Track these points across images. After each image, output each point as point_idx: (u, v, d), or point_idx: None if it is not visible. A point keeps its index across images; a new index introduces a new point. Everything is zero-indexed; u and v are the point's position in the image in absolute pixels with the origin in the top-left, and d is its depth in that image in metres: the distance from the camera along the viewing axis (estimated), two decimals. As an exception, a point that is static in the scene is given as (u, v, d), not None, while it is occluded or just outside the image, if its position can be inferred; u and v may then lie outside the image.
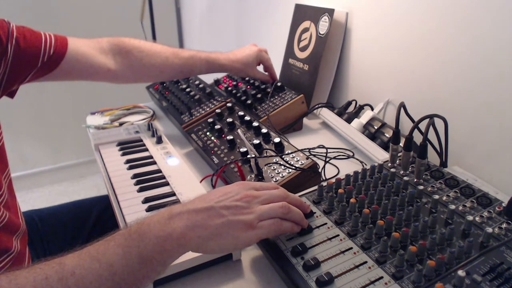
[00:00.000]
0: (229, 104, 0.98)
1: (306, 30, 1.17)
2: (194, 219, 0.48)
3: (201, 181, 0.79)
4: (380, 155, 0.84)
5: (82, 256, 0.45)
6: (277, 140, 0.78)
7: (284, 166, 0.72)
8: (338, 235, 0.55)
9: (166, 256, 0.47)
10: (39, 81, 0.82)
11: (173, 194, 0.74)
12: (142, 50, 0.93)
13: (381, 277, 0.48)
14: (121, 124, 1.11)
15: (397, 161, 0.70)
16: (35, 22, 2.15)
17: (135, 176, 0.80)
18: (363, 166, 0.87)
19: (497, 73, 0.72)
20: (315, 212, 0.60)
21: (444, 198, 0.60)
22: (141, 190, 0.75)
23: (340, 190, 0.62)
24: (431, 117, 0.63)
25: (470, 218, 0.53)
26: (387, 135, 0.89)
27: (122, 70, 0.92)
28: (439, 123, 0.66)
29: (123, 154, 0.90)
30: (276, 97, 1.05)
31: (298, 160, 0.73)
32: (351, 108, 1.06)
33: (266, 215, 0.51)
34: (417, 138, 0.66)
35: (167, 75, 0.98)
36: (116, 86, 0.99)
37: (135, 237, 0.46)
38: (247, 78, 1.19)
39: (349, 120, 0.99)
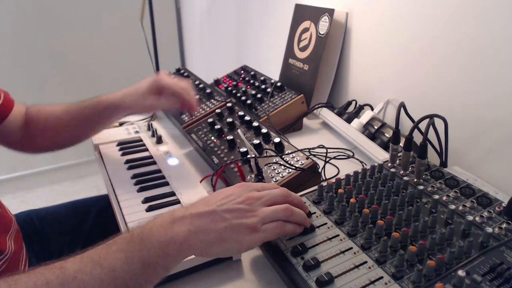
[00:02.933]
0: (229, 104, 0.98)
1: (306, 30, 1.17)
2: (197, 223, 0.48)
3: (201, 181, 0.79)
4: (380, 155, 0.84)
5: (83, 260, 0.44)
6: (277, 140, 0.78)
7: (284, 166, 0.72)
8: (338, 235, 0.55)
9: (169, 261, 0.47)
10: None
11: (173, 194, 0.74)
12: (41, 114, 0.84)
13: (381, 277, 0.48)
14: (121, 124, 1.11)
15: (397, 161, 0.70)
16: (35, 22, 2.16)
17: (135, 176, 0.80)
18: (363, 166, 0.87)
19: (497, 73, 0.72)
20: (314, 212, 0.60)
21: (444, 198, 0.60)
22: (141, 190, 0.75)
23: (340, 190, 0.62)
24: (431, 117, 0.63)
25: (470, 218, 0.53)
26: (387, 135, 0.89)
27: (29, 140, 0.85)
28: (439, 123, 0.66)
29: (123, 154, 0.90)
30: (276, 97, 1.05)
31: (298, 160, 0.73)
32: (351, 108, 1.06)
33: (269, 218, 0.51)
34: (417, 138, 0.66)
35: (64, 137, 0.86)
36: (117, 86, 0.98)
37: (137, 241, 0.46)
38: (247, 78, 1.20)
39: (349, 120, 0.99)
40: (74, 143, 0.88)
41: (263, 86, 1.10)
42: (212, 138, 0.90)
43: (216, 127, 0.90)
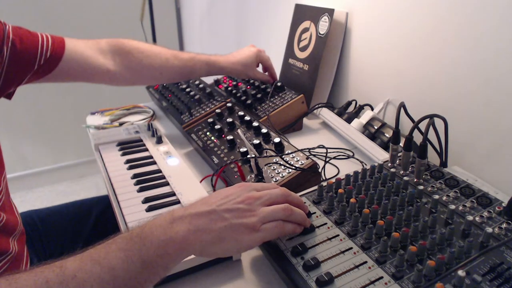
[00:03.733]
0: (229, 104, 0.98)
1: (306, 30, 1.17)
2: (197, 223, 0.48)
3: (201, 181, 0.79)
4: (380, 155, 0.84)
5: (83, 259, 0.44)
6: (277, 140, 0.78)
7: (284, 166, 0.72)
8: (338, 235, 0.55)
9: (168, 260, 0.47)
10: (37, 82, 0.82)
11: (173, 194, 0.74)
12: (141, 51, 0.92)
13: (381, 277, 0.48)
14: (121, 124, 1.11)
15: (397, 161, 0.70)
16: (34, 22, 2.15)
17: (135, 176, 0.80)
18: (363, 166, 0.87)
19: (497, 73, 0.72)
20: (314, 212, 0.60)
21: (444, 198, 0.60)
22: (141, 190, 0.75)
23: (340, 190, 0.62)
24: (431, 117, 0.63)
25: (470, 218, 0.53)
26: (387, 135, 0.89)
27: (121, 71, 0.91)
28: (439, 123, 0.66)
29: (123, 154, 0.90)
30: (276, 97, 1.05)
31: (298, 160, 0.73)
32: (351, 108, 1.06)
33: (269, 218, 0.51)
34: (417, 138, 0.66)
35: (167, 77, 0.97)
36: (117, 86, 0.99)
37: (137, 240, 0.46)
38: (247, 78, 1.19)
39: (349, 120, 0.99)
40: (170, 81, 1.13)
41: (263, 86, 1.10)
42: (212, 138, 0.90)
43: (216, 127, 0.90)
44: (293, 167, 0.71)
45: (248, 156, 0.76)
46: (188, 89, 1.14)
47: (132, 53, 0.92)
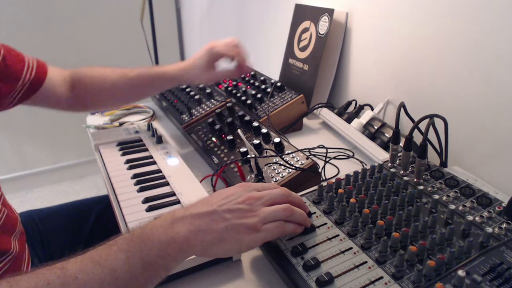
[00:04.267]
0: (229, 104, 0.98)
1: (306, 30, 1.17)
2: (198, 223, 0.48)
3: (201, 181, 0.79)
4: (380, 155, 0.84)
5: (84, 260, 0.44)
6: (277, 140, 0.78)
7: (284, 166, 0.72)
8: (338, 235, 0.55)
9: (169, 261, 0.47)
10: (12, 106, 0.82)
11: (173, 194, 0.74)
12: (93, 77, 0.90)
13: (381, 277, 0.48)
14: (121, 124, 1.11)
15: (397, 161, 0.70)
16: (35, 22, 2.16)
17: (135, 176, 0.80)
18: (363, 166, 0.87)
19: (497, 73, 0.72)
20: (314, 212, 0.60)
21: (444, 198, 0.60)
22: (141, 190, 0.75)
23: (340, 190, 0.62)
24: (431, 117, 0.63)
25: (470, 218, 0.53)
26: (387, 135, 0.89)
27: (78, 99, 0.90)
28: (439, 123, 0.66)
29: (123, 154, 0.90)
30: (276, 97, 1.05)
31: (298, 160, 0.73)
32: (351, 108, 1.06)
33: (270, 218, 0.51)
34: (417, 138, 0.66)
35: (120, 99, 0.93)
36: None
37: (138, 241, 0.46)
38: (247, 78, 1.20)
39: (349, 120, 0.99)
40: (124, 103, 1.03)
41: (263, 86, 1.10)
42: (212, 138, 0.90)
43: (216, 127, 0.90)
44: (293, 167, 0.71)
45: (248, 156, 0.76)
46: (188, 89, 1.14)
47: (85, 80, 0.90)
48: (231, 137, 0.84)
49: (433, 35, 0.84)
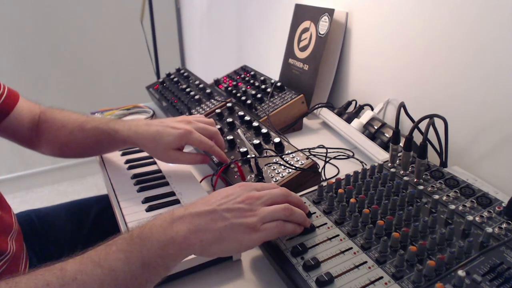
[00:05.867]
0: (229, 104, 0.98)
1: (306, 30, 1.17)
2: (197, 222, 0.48)
3: (201, 181, 0.79)
4: (380, 155, 0.84)
5: (83, 261, 0.44)
6: (277, 140, 0.78)
7: (284, 166, 0.72)
8: (338, 235, 0.55)
9: (169, 260, 0.47)
10: None
11: (173, 194, 0.74)
12: (55, 119, 0.83)
13: (381, 277, 0.48)
14: (121, 124, 1.11)
15: (397, 161, 0.70)
16: (35, 22, 2.16)
17: (135, 176, 0.80)
18: (363, 166, 0.87)
19: (497, 73, 0.72)
20: (314, 212, 0.60)
21: (444, 198, 0.60)
22: (141, 190, 0.75)
23: (340, 190, 0.62)
24: (431, 117, 0.63)
25: (470, 218, 0.53)
26: (387, 135, 0.89)
27: (38, 140, 0.84)
28: (439, 123, 0.66)
29: (123, 154, 0.90)
30: (276, 97, 1.05)
31: (298, 160, 0.73)
32: (351, 108, 1.06)
33: (269, 218, 0.51)
34: (417, 138, 0.66)
35: (74, 151, 0.83)
36: (117, 86, 0.98)
37: (137, 241, 0.46)
38: (247, 78, 1.20)
39: (349, 120, 0.99)
40: (79, 157, 0.86)
41: (263, 86, 1.10)
42: (212, 138, 0.90)
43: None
44: (293, 167, 0.71)
45: (248, 156, 0.76)
46: (188, 89, 1.14)
47: (47, 123, 0.83)
48: (231, 137, 0.84)
49: (433, 35, 0.84)
